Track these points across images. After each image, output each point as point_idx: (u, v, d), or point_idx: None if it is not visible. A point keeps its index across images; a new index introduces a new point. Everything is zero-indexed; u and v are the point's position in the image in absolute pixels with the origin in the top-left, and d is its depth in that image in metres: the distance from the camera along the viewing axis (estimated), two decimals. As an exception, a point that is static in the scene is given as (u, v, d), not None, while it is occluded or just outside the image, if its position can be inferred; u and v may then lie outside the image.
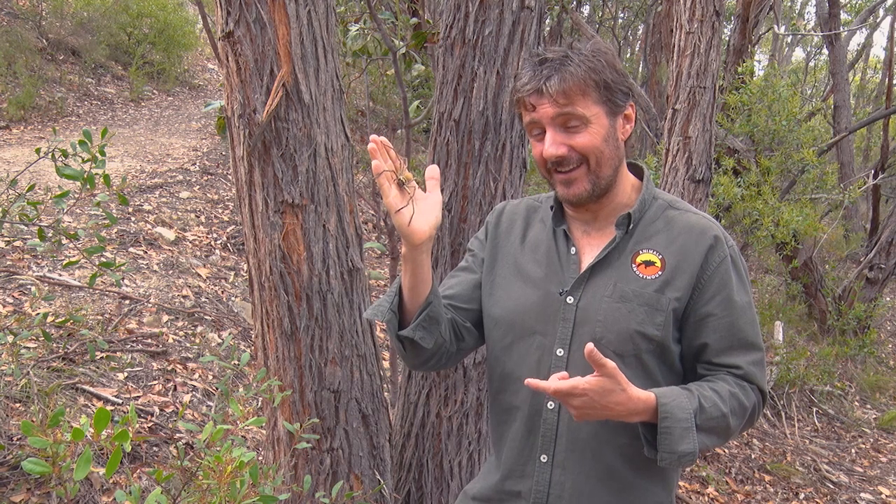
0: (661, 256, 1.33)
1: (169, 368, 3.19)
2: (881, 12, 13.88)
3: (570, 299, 1.34)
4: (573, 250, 1.38)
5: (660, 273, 1.32)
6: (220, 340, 3.60)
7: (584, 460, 1.33)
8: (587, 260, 1.37)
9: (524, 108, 1.32)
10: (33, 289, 3.32)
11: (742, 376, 1.31)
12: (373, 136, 1.25)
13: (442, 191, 1.45)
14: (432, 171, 1.31)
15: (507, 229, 1.48)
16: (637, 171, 1.43)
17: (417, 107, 4.15)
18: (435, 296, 1.34)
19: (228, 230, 5.05)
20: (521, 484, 1.39)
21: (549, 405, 1.35)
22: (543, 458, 1.36)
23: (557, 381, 1.17)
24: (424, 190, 1.30)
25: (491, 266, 1.47)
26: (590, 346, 1.14)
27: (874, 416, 6.15)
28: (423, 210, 1.26)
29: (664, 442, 1.22)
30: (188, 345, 3.45)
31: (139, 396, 2.93)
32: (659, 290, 1.31)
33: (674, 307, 1.31)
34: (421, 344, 1.33)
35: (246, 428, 1.58)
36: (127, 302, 3.58)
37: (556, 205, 1.42)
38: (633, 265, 1.33)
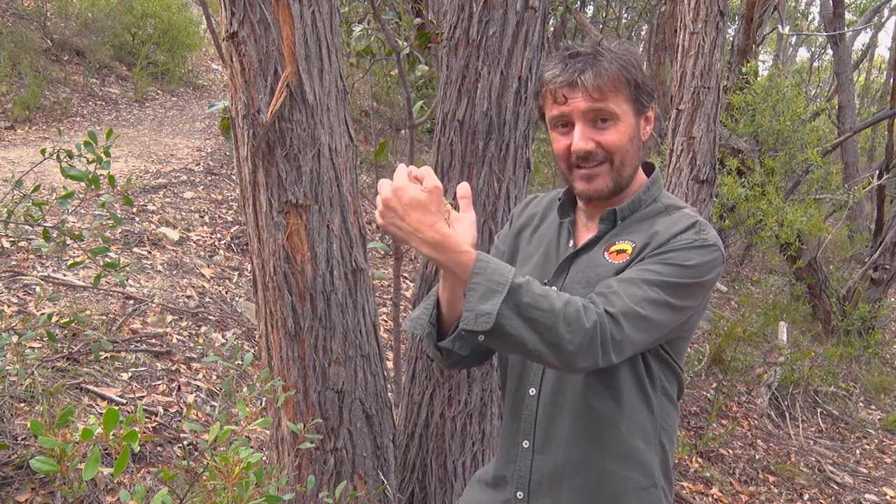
0: (634, 245, 1.33)
1: (173, 368, 3.20)
2: (886, 12, 13.87)
3: (553, 288, 1.35)
4: (571, 242, 1.42)
5: (628, 259, 1.31)
6: (223, 340, 3.61)
7: (560, 447, 1.36)
8: None
9: (553, 100, 1.31)
10: (38, 289, 3.33)
11: (591, 299, 1.22)
12: (404, 168, 1.23)
13: (445, 192, 1.47)
14: (464, 190, 1.31)
15: (526, 223, 1.53)
16: (648, 169, 1.44)
17: (421, 107, 4.15)
18: None
19: (232, 230, 5.05)
20: (507, 469, 1.43)
21: (530, 391, 1.39)
22: (525, 444, 1.40)
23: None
24: (458, 210, 1.30)
25: (510, 260, 1.51)
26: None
27: (879, 416, 6.13)
28: (460, 230, 1.26)
29: (468, 298, 1.14)
30: (192, 345, 3.46)
31: (143, 396, 2.93)
32: (621, 271, 1.30)
33: None
34: (459, 352, 1.35)
35: (250, 428, 1.59)
36: (131, 302, 3.58)
37: (565, 198, 1.44)
38: (606, 253, 1.35)
